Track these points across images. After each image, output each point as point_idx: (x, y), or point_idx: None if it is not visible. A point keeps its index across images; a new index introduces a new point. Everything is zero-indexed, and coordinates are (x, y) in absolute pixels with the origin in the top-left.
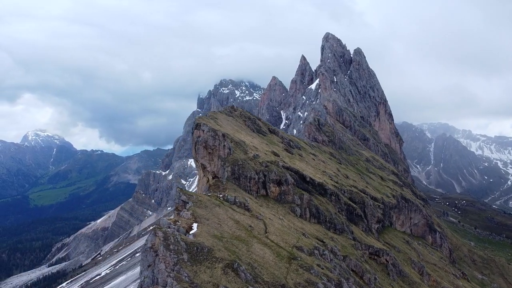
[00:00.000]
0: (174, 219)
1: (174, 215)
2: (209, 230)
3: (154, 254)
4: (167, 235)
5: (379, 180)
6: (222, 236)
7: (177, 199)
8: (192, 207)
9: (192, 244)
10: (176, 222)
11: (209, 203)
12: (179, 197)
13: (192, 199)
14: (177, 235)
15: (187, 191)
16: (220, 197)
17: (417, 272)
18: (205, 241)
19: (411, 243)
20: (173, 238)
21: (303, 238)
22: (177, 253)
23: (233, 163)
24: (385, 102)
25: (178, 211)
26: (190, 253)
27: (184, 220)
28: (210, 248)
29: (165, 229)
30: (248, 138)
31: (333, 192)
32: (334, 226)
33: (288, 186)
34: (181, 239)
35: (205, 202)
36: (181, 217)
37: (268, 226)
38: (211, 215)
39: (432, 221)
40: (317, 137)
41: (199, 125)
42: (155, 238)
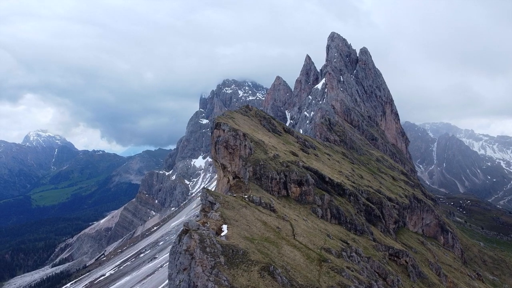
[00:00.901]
0: (203, 220)
1: (201, 216)
2: (240, 232)
3: (190, 257)
4: (203, 238)
5: (390, 180)
6: (252, 238)
7: (204, 200)
8: (220, 208)
9: (227, 247)
10: (205, 223)
11: (236, 204)
12: (206, 198)
13: (219, 200)
14: (213, 237)
15: (213, 192)
16: (246, 198)
17: (435, 273)
18: (239, 244)
19: (426, 243)
20: (209, 240)
21: (329, 240)
22: (214, 256)
23: (255, 163)
24: (391, 101)
25: (205, 212)
26: (226, 256)
27: (213, 221)
28: (245, 251)
29: (201, 231)
30: (265, 137)
31: (351, 193)
32: (354, 227)
33: (309, 186)
34: (217, 241)
35: (232, 203)
36: (209, 218)
37: (294, 228)
38: (239, 216)
39: (443, 221)
40: (329, 137)
41: (219, 124)
42: (191, 241)
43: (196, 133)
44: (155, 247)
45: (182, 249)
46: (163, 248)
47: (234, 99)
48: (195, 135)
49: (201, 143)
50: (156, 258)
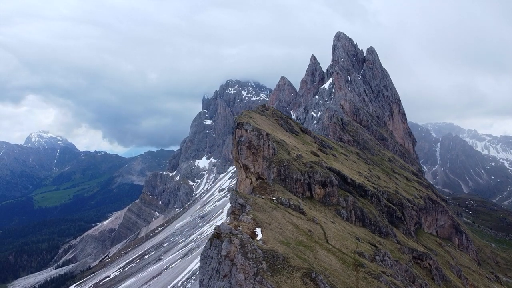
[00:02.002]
0: (234, 223)
1: (231, 219)
2: (275, 236)
3: (230, 263)
4: (243, 243)
5: (404, 181)
6: (287, 242)
7: (233, 202)
8: (252, 211)
9: (268, 252)
10: (237, 227)
11: (266, 206)
12: (236, 200)
13: (249, 202)
14: (253, 242)
15: (243, 194)
16: (274, 200)
17: (456, 276)
18: (278, 249)
19: (443, 245)
20: (250, 245)
21: (359, 243)
22: (256, 262)
23: (279, 164)
24: (398, 101)
25: (235, 215)
26: (267, 261)
27: (245, 225)
28: (285, 256)
29: (241, 235)
30: (285, 137)
31: (373, 194)
32: (379, 229)
33: (332, 187)
34: (257, 246)
35: (262, 206)
36: (241, 221)
37: (326, 231)
38: (271, 219)
39: (457, 222)
40: (342, 137)
41: (241, 124)
42: (231, 246)
43: (200, 134)
44: (160, 249)
45: (222, 254)
46: (168, 250)
47: (237, 100)
48: (198, 136)
49: (204, 143)
50: (161, 260)
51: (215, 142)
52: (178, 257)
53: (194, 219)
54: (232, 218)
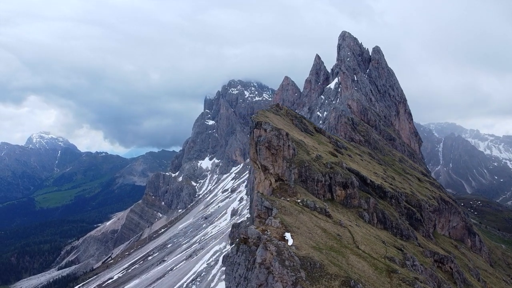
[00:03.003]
0: (262, 228)
1: (256, 222)
2: (306, 241)
3: (266, 271)
4: (280, 249)
5: (416, 181)
6: (319, 247)
7: (259, 205)
8: (279, 215)
9: (305, 259)
10: (265, 231)
11: (292, 209)
12: (261, 203)
13: (276, 205)
14: (290, 248)
15: (269, 196)
16: (299, 202)
17: (475, 279)
18: (314, 255)
19: (459, 247)
20: (287, 252)
21: (387, 247)
22: (294, 271)
23: (300, 165)
24: (404, 101)
25: (260, 218)
26: (305, 269)
27: (273, 229)
28: (321, 263)
29: (277, 242)
30: (301, 137)
31: (393, 195)
32: (400, 232)
33: (354, 189)
34: (294, 253)
35: (289, 209)
36: (268, 225)
37: (354, 235)
38: (299, 223)
39: (470, 223)
40: (354, 137)
41: (260, 123)
42: (266, 253)
43: (202, 134)
44: (163, 250)
45: (257, 262)
46: (171, 251)
47: (240, 100)
48: (201, 136)
49: (207, 144)
50: (165, 261)
51: (218, 142)
52: (182, 258)
53: (197, 220)
54: (257, 222)
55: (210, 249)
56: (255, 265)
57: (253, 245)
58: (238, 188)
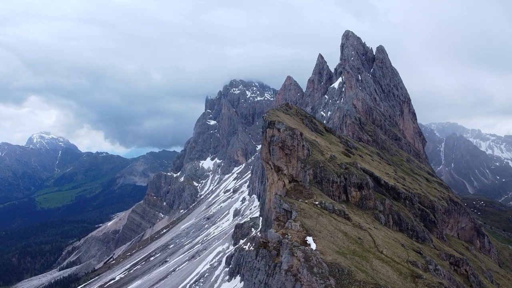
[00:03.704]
0: (282, 231)
1: (275, 225)
2: (329, 246)
3: (294, 278)
4: (308, 255)
5: (425, 181)
6: (342, 252)
7: (278, 207)
8: (299, 217)
9: (332, 266)
10: (285, 235)
11: (312, 212)
12: (280, 206)
13: (295, 207)
14: (318, 254)
15: (287, 199)
16: (317, 204)
17: (489, 281)
18: (341, 261)
19: (471, 249)
20: (315, 258)
21: (408, 251)
22: (323, 278)
23: (315, 165)
24: (408, 101)
25: (279, 221)
26: (334, 276)
27: (294, 232)
28: (349, 270)
29: (304, 247)
30: (313, 137)
31: (407, 196)
32: (416, 234)
33: (369, 190)
34: (322, 259)
35: (308, 211)
36: (289, 229)
37: (374, 238)
38: (319, 226)
39: (479, 224)
40: (362, 137)
41: (273, 123)
42: (293, 259)
43: (204, 134)
44: (165, 250)
45: (283, 268)
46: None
47: (242, 100)
48: (203, 136)
49: (209, 144)
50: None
51: (220, 142)
52: (184, 259)
53: (199, 220)
54: (276, 225)
55: (213, 250)
56: (276, 271)
57: (274, 250)
58: (240, 188)
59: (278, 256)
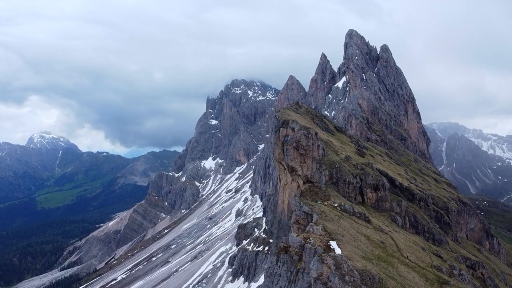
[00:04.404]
0: (303, 235)
1: (294, 229)
2: (354, 251)
3: (324, 287)
4: (338, 262)
5: (433, 182)
6: (368, 257)
7: (298, 210)
8: (320, 221)
9: (363, 273)
10: (307, 239)
11: (332, 214)
12: (300, 208)
13: (315, 210)
14: (348, 261)
15: (307, 201)
16: (336, 207)
17: (504, 284)
18: (371, 268)
19: (482, 251)
20: (346, 266)
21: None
22: (356, 286)
23: (330, 166)
24: (413, 100)
25: (299, 224)
26: (366, 284)
27: (316, 236)
28: (380, 277)
29: (333, 253)
30: (324, 137)
31: (421, 198)
32: (432, 236)
33: (385, 191)
34: (353, 266)
35: (328, 214)
36: (310, 232)
37: (396, 242)
38: (342, 230)
39: (488, 225)
40: (370, 137)
41: (287, 122)
42: (322, 266)
43: (206, 134)
44: (167, 251)
45: (312, 276)
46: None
47: (243, 99)
48: (204, 136)
49: (210, 144)
50: (169, 262)
51: (221, 142)
52: (187, 259)
53: (201, 220)
54: (296, 228)
55: (215, 251)
56: (298, 277)
57: (295, 255)
58: (242, 188)
59: (300, 261)
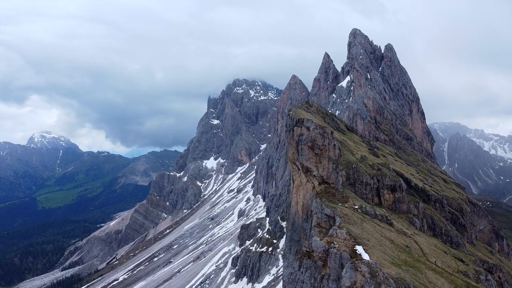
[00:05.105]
0: (327, 239)
1: (316, 232)
2: (382, 256)
3: None
4: (373, 270)
5: (442, 182)
6: (396, 263)
7: (319, 212)
8: (344, 224)
9: (399, 281)
10: (331, 243)
11: (355, 217)
12: (322, 211)
13: (337, 212)
14: (383, 268)
15: (329, 203)
16: (357, 209)
17: None
18: (405, 275)
19: (494, 253)
20: (381, 274)
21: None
22: None
23: (347, 166)
24: (417, 100)
25: (321, 228)
26: None
27: (340, 241)
28: (414, 285)
29: (367, 260)
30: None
31: (437, 199)
32: (450, 239)
33: (402, 193)
34: (388, 274)
35: (351, 217)
36: (333, 236)
37: (420, 246)
38: (366, 233)
39: (498, 227)
40: (378, 136)
41: (301, 121)
42: (356, 274)
43: (207, 134)
44: (169, 251)
45: (345, 285)
46: (177, 252)
47: (245, 99)
48: (206, 136)
49: (212, 144)
50: (171, 263)
51: (223, 142)
52: (189, 260)
53: (203, 220)
54: (317, 232)
55: (218, 251)
56: (323, 284)
57: (319, 260)
58: (244, 188)
59: (324, 267)
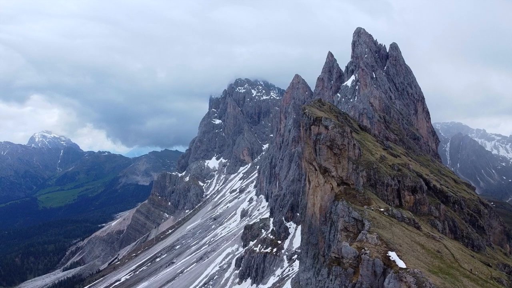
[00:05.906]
0: (357, 244)
1: (342, 236)
2: (417, 263)
3: None
4: (420, 281)
5: (453, 183)
6: (432, 270)
7: (346, 216)
8: (374, 228)
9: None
10: (361, 249)
11: (383, 221)
12: (349, 214)
13: (366, 216)
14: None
15: (356, 206)
16: (383, 212)
17: None
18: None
19: (509, 255)
20: (428, 284)
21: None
22: None
23: (368, 167)
24: (422, 99)
25: (348, 232)
26: None
27: (372, 246)
28: None
29: (412, 270)
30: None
31: (455, 200)
32: (471, 242)
33: (423, 194)
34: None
35: (379, 220)
36: (364, 241)
37: (451, 251)
38: (397, 238)
39: (509, 227)
40: (389, 136)
41: (319, 119)
42: (401, 285)
43: (209, 134)
44: (171, 251)
45: None
46: (180, 253)
47: (247, 99)
48: (208, 136)
49: (214, 143)
50: (173, 263)
51: (225, 142)
52: (192, 260)
53: (205, 220)
54: (344, 236)
55: (221, 252)
56: None
57: (350, 267)
58: (247, 188)
59: (356, 274)
